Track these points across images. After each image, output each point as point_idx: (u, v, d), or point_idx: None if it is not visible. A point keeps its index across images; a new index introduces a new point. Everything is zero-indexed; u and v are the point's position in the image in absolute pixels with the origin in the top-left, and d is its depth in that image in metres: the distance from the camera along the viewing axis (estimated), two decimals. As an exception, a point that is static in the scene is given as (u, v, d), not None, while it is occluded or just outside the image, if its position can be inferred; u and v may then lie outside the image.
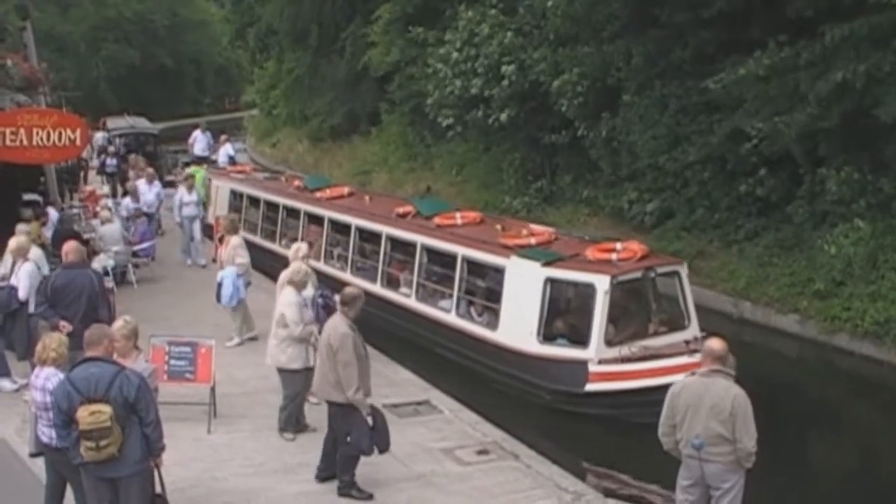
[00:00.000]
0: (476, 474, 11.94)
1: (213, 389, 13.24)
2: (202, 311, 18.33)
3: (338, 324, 10.92)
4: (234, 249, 17.28)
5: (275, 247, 23.27)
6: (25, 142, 18.28)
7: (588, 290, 14.92)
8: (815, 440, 14.78)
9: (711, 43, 21.82)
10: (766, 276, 20.19)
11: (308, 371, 12.45)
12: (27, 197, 22.24)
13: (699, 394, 9.08)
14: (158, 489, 9.08)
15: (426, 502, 11.11)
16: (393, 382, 15.46)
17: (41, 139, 18.43)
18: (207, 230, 24.37)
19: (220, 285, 16.91)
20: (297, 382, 12.71)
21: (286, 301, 12.79)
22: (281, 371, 12.75)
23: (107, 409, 8.24)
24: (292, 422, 12.92)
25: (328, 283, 18.66)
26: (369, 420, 10.87)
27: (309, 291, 13.64)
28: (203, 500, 10.98)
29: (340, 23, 41.70)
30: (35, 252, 15.29)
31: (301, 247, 14.66)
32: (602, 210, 25.65)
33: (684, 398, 9.18)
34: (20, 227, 16.96)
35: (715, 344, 9.40)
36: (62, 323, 12.59)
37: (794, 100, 18.77)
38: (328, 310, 13.48)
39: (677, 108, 23.13)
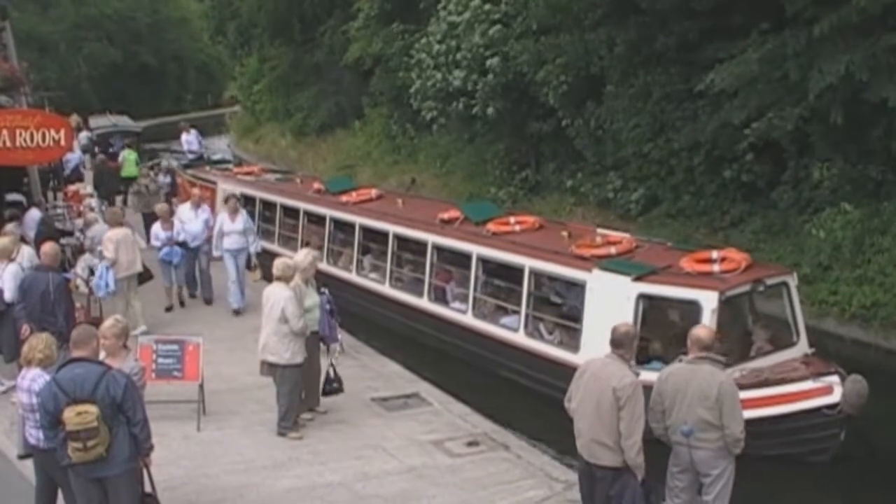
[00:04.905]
0: (467, 466, 11.95)
1: (201, 387, 13.22)
2: (189, 309, 18.27)
3: (618, 371, 8.89)
4: (104, 242, 17.17)
5: None
6: (9, 143, 18.10)
7: (691, 308, 13.25)
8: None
9: (694, 30, 21.80)
10: (753, 261, 20.21)
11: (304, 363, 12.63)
12: (10, 198, 22.10)
13: (686, 380, 9.12)
14: (148, 488, 9.06)
15: (417, 494, 11.10)
16: (382, 375, 15.48)
17: (24, 140, 18.25)
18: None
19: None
20: (297, 376, 12.64)
21: (283, 296, 12.39)
22: (283, 367, 12.47)
23: (93, 409, 8.22)
24: (293, 419, 12.80)
25: (363, 296, 18.47)
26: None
27: (314, 299, 13.31)
28: (194, 498, 10.96)
29: (320, 16, 41.53)
30: (27, 252, 15.25)
31: (310, 252, 14.11)
32: (587, 199, 25.63)
33: (671, 385, 9.23)
34: (8, 227, 16.93)
35: (702, 332, 9.50)
36: (24, 326, 12.90)
37: (782, 90, 18.74)
38: (333, 314, 13.63)
39: (661, 95, 23.16)
